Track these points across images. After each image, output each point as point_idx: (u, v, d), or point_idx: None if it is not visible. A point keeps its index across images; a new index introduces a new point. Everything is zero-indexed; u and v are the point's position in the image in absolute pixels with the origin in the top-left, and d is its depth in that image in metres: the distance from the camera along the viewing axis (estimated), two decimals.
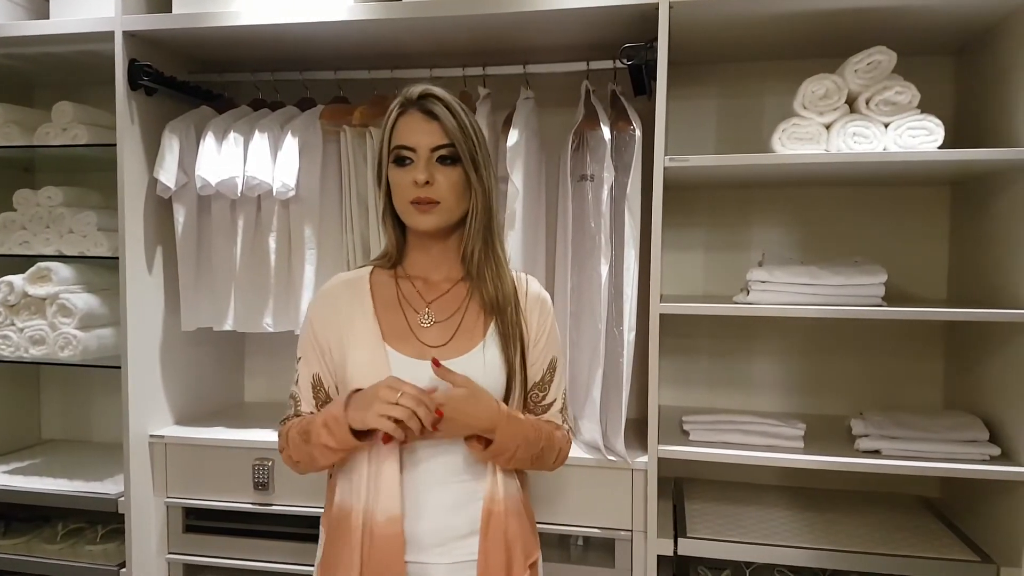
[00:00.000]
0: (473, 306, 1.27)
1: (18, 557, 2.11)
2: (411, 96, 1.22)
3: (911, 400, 2.08)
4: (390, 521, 1.18)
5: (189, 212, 2.06)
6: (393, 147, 1.22)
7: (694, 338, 2.20)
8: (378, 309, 1.26)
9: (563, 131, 2.01)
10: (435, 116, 1.20)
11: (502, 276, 1.27)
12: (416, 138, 1.20)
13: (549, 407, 1.33)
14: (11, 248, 2.17)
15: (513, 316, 1.26)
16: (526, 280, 1.33)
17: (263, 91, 2.17)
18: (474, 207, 1.24)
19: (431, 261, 1.29)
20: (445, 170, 1.21)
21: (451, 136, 1.20)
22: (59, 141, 2.10)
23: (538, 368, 1.30)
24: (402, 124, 1.22)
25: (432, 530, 1.21)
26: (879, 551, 1.71)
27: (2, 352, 2.12)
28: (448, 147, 1.20)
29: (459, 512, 1.23)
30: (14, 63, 2.25)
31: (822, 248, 2.11)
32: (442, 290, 1.29)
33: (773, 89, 2.09)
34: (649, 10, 1.70)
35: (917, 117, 1.67)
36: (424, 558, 1.21)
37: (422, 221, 1.21)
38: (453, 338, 1.24)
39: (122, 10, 1.92)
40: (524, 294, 1.30)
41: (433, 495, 1.22)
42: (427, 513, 1.21)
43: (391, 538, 1.18)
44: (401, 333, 1.24)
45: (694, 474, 2.17)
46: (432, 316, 1.26)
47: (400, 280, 1.30)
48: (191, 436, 2.05)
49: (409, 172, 1.20)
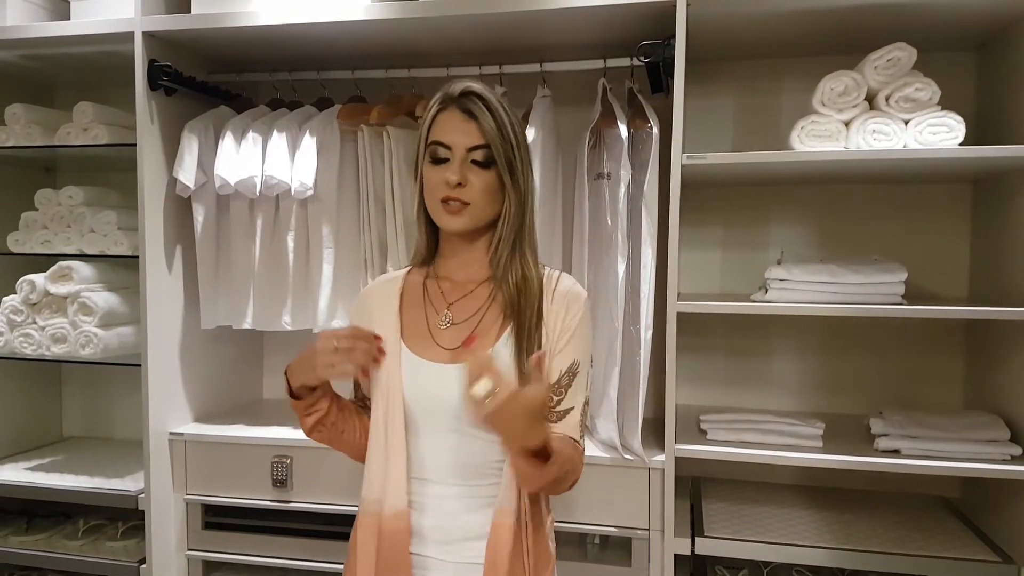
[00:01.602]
0: (493, 308, 1.23)
1: (40, 553, 2.13)
2: (452, 93, 1.19)
3: (931, 399, 2.06)
4: (397, 516, 1.20)
5: (208, 211, 2.08)
6: (430, 143, 1.19)
7: (711, 337, 2.19)
8: (403, 308, 1.27)
9: (580, 129, 2.01)
10: (473, 116, 1.17)
11: (527, 279, 1.22)
12: (452, 136, 1.17)
13: (565, 415, 1.20)
14: (33, 247, 2.19)
15: (533, 320, 1.20)
16: (557, 278, 1.25)
17: (281, 91, 2.19)
18: (507, 211, 1.21)
19: (459, 261, 1.27)
20: (479, 171, 1.18)
21: (487, 138, 1.17)
22: (80, 141, 2.13)
23: (555, 369, 1.20)
24: (441, 120, 1.19)
25: (439, 527, 1.21)
26: (898, 551, 1.70)
27: (24, 350, 2.15)
28: (483, 149, 1.17)
29: (467, 514, 1.21)
30: (36, 64, 2.27)
31: (841, 246, 2.09)
32: (466, 291, 1.26)
33: (791, 86, 2.08)
34: (667, 7, 1.69)
35: (938, 114, 1.65)
36: (432, 552, 1.22)
37: (451, 222, 1.19)
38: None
39: (142, 11, 1.94)
40: (551, 292, 1.22)
41: (443, 495, 1.21)
42: (434, 511, 1.22)
43: (399, 532, 1.20)
44: (419, 333, 1.24)
45: (712, 473, 2.16)
46: (451, 317, 1.24)
47: (428, 280, 1.30)
48: (210, 433, 2.07)
49: (442, 170, 1.18)
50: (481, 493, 1.22)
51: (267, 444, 2.01)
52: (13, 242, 2.21)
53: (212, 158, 2.02)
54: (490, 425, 1.00)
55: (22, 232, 2.21)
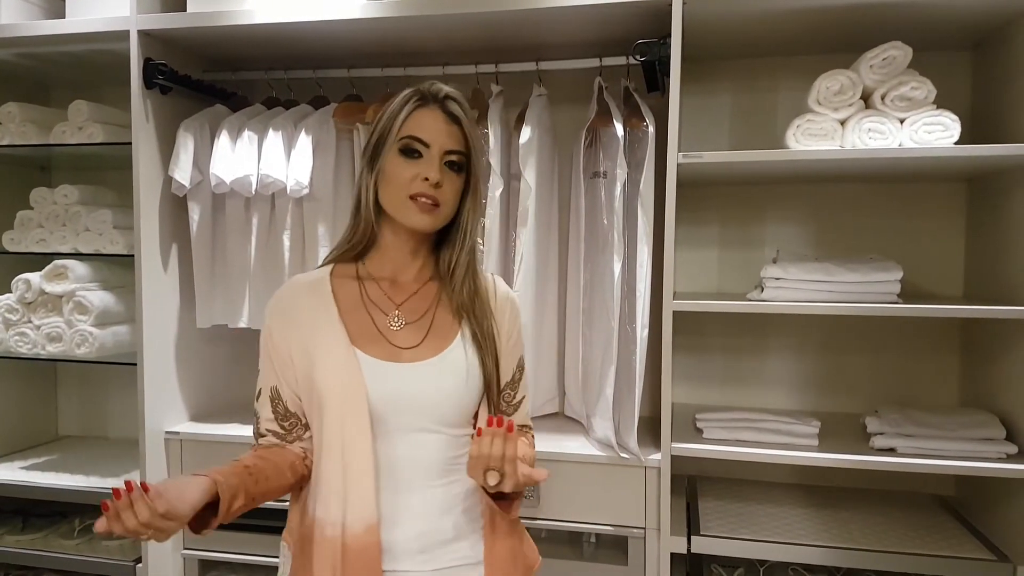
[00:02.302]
0: (443, 306, 1.24)
1: (36, 552, 2.13)
2: (435, 93, 1.19)
3: (926, 398, 2.07)
4: (368, 531, 1.12)
5: (204, 210, 2.08)
6: (404, 136, 1.17)
7: (708, 335, 2.19)
8: (343, 312, 1.20)
9: (576, 128, 2.01)
10: (456, 120, 1.19)
11: (478, 286, 1.25)
12: (434, 136, 1.17)
13: (519, 405, 1.31)
14: (28, 246, 2.19)
15: (489, 324, 1.23)
16: (494, 280, 1.30)
17: (277, 89, 2.18)
18: (468, 218, 1.22)
19: (402, 260, 1.24)
20: (452, 176, 1.18)
21: (469, 144, 1.20)
22: (75, 140, 2.12)
23: (509, 367, 1.28)
24: (420, 117, 1.18)
25: (413, 536, 1.16)
26: (894, 549, 1.71)
27: (20, 349, 2.14)
28: (461, 154, 1.19)
29: (442, 517, 1.18)
30: (31, 62, 2.27)
31: (837, 245, 2.10)
32: (411, 291, 1.24)
33: (787, 85, 2.08)
34: (662, 6, 1.69)
35: (933, 113, 1.65)
36: (406, 566, 1.16)
37: (420, 220, 1.17)
38: (426, 339, 1.20)
39: (137, 9, 1.93)
40: (493, 296, 1.27)
41: (413, 501, 1.17)
42: (407, 520, 1.16)
43: (368, 548, 1.12)
44: (370, 336, 1.19)
45: (708, 472, 2.17)
46: (402, 318, 1.22)
47: (364, 281, 1.24)
48: (206, 432, 2.07)
49: (416, 166, 1.16)
50: (454, 491, 1.20)
51: None
52: (8, 241, 2.21)
53: (208, 157, 2.01)
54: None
55: (17, 231, 2.21)
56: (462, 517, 1.20)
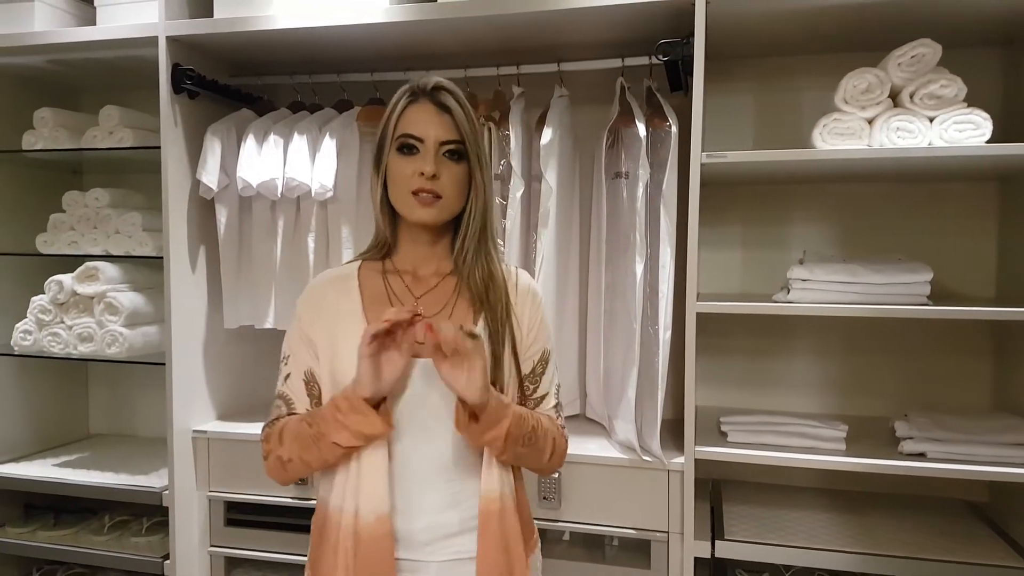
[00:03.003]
0: (462, 300, 1.25)
1: (67, 548, 2.18)
2: (424, 86, 1.21)
3: (957, 402, 2.02)
4: (379, 520, 1.15)
5: (231, 213, 2.10)
6: (399, 135, 1.19)
7: (731, 337, 2.17)
8: (366, 305, 1.24)
9: (597, 128, 2.01)
10: (447, 109, 1.19)
11: (492, 273, 1.25)
12: (426, 129, 1.18)
13: (541, 400, 1.29)
14: (60, 248, 2.24)
15: (503, 312, 1.23)
16: (516, 273, 1.30)
17: (302, 93, 2.21)
18: (473, 205, 1.23)
19: (421, 255, 1.27)
20: (450, 165, 1.19)
21: (462, 132, 1.19)
22: (106, 144, 2.16)
23: (529, 360, 1.27)
24: (412, 113, 1.20)
25: (423, 528, 1.19)
26: (923, 556, 1.67)
27: (52, 349, 2.19)
28: (457, 143, 1.20)
29: (450, 510, 1.20)
30: (63, 68, 2.32)
31: (864, 246, 2.06)
32: (430, 284, 1.27)
33: (812, 84, 2.05)
34: (685, 5, 1.68)
35: (963, 111, 1.62)
36: (415, 555, 1.19)
37: (423, 214, 1.19)
38: None
39: (165, 16, 1.97)
40: (514, 287, 1.27)
41: (424, 492, 1.19)
42: (417, 511, 1.19)
43: (380, 537, 1.15)
44: None
45: (732, 476, 2.14)
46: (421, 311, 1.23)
47: (388, 275, 1.27)
48: (233, 431, 2.10)
49: (413, 161, 1.18)
50: (461, 487, 1.21)
51: None
52: (41, 243, 2.26)
53: (234, 160, 2.04)
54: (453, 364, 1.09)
55: (50, 233, 2.26)
56: (467, 512, 1.21)
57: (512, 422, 1.16)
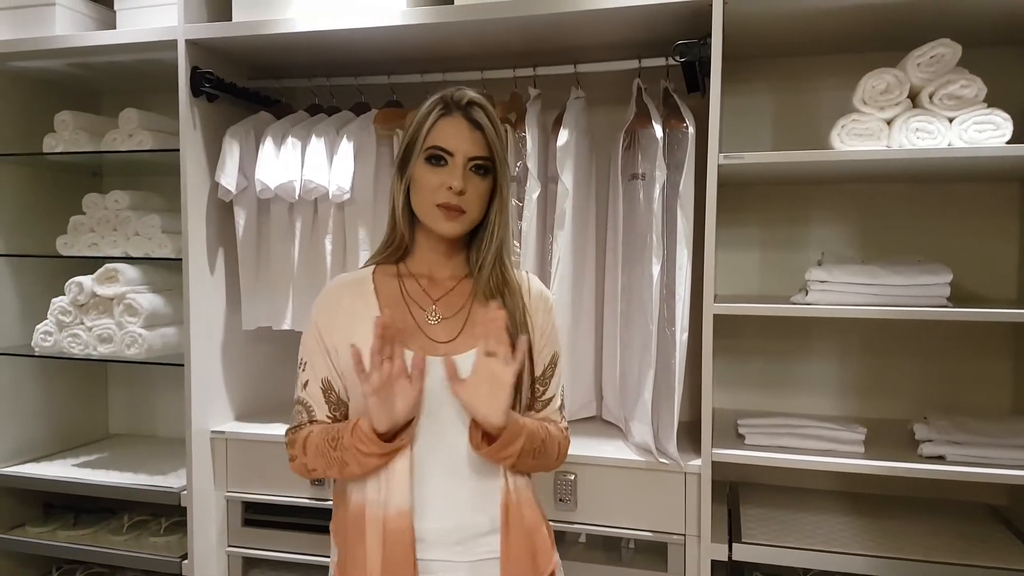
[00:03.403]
0: (478, 303, 1.27)
1: (86, 547, 2.20)
2: (458, 100, 1.22)
3: (977, 404, 2.01)
4: (400, 515, 1.18)
5: (249, 215, 2.12)
6: (429, 146, 1.21)
7: (749, 339, 2.16)
8: (383, 307, 1.25)
9: (614, 130, 2.01)
10: (479, 126, 1.21)
11: (508, 282, 1.28)
12: (457, 143, 1.20)
13: (548, 402, 1.32)
14: (80, 250, 2.26)
15: (521, 317, 1.26)
16: (528, 278, 1.33)
17: (319, 96, 2.22)
18: (495, 220, 1.26)
19: (438, 259, 1.29)
20: (476, 180, 1.22)
21: (492, 149, 1.22)
22: (125, 147, 2.18)
23: (540, 363, 1.30)
24: (444, 126, 1.22)
25: (452, 528, 1.21)
26: (942, 560, 1.66)
27: (72, 350, 2.21)
28: (486, 159, 1.22)
29: (478, 511, 1.22)
30: (83, 72, 2.34)
31: (883, 247, 2.05)
32: (447, 287, 1.29)
33: (830, 84, 2.05)
34: (703, 6, 1.68)
35: (983, 111, 1.61)
36: (444, 555, 1.21)
37: (447, 227, 1.21)
38: (461, 334, 1.25)
39: (184, 19, 1.98)
40: (527, 292, 1.30)
41: (447, 493, 1.21)
42: (442, 511, 1.21)
43: (402, 532, 1.18)
44: (409, 330, 1.24)
45: (749, 478, 2.13)
46: (439, 313, 1.26)
47: (404, 278, 1.29)
48: (251, 432, 2.11)
49: (441, 174, 1.20)
50: (487, 487, 1.23)
51: None
52: (62, 245, 2.28)
53: (253, 163, 2.05)
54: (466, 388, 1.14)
55: (70, 235, 2.28)
56: (495, 512, 1.23)
57: (526, 440, 1.19)
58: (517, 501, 1.24)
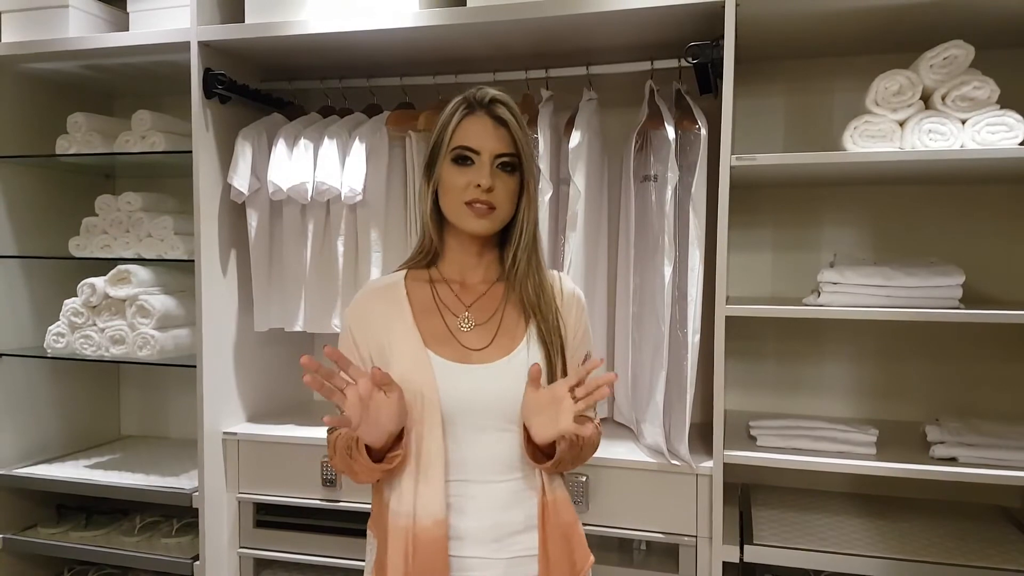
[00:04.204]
0: (511, 307, 1.28)
1: (98, 548, 2.20)
2: (481, 99, 1.23)
3: (990, 406, 2.00)
4: (436, 524, 1.19)
5: (262, 216, 2.12)
6: (455, 146, 1.21)
7: (761, 340, 2.16)
8: (416, 315, 1.26)
9: (626, 131, 2.01)
10: (504, 123, 1.22)
11: (543, 282, 1.28)
12: (482, 142, 1.21)
13: None
14: (93, 251, 2.27)
15: (555, 320, 1.26)
16: (560, 278, 1.33)
17: (331, 98, 2.23)
18: (525, 216, 1.26)
19: (470, 263, 1.29)
20: (504, 177, 1.22)
21: (518, 145, 1.23)
22: (138, 148, 2.19)
23: (574, 364, 1.29)
24: (468, 125, 1.22)
25: (488, 527, 1.22)
26: (954, 562, 1.66)
27: (84, 351, 2.22)
28: (512, 155, 1.22)
29: (513, 509, 1.23)
30: (96, 74, 2.35)
31: (896, 249, 2.05)
32: (479, 292, 1.29)
33: (842, 86, 2.05)
34: (715, 8, 1.68)
35: (997, 113, 1.61)
36: (480, 552, 1.22)
37: (477, 225, 1.22)
38: (494, 340, 1.25)
39: (197, 21, 1.99)
40: (560, 293, 1.30)
41: (486, 494, 1.22)
42: (481, 511, 1.22)
43: (436, 539, 1.18)
44: (442, 338, 1.24)
45: (761, 480, 2.13)
46: (472, 320, 1.26)
47: (436, 284, 1.29)
48: (262, 433, 2.11)
49: (468, 173, 1.21)
50: (522, 486, 1.25)
51: (317, 444, 2.04)
52: (75, 247, 2.29)
53: (265, 164, 2.06)
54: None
55: (83, 237, 2.29)
56: (531, 510, 1.25)
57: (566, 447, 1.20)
58: (553, 500, 1.25)
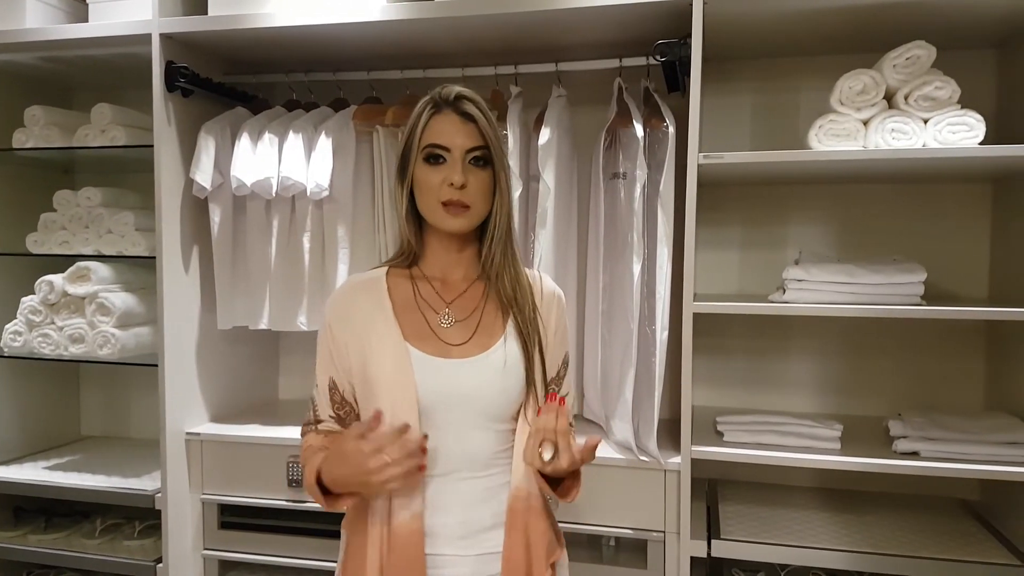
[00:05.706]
0: (490, 305, 1.28)
1: (58, 552, 2.15)
2: (447, 96, 1.23)
3: (951, 401, 2.04)
4: (412, 517, 1.19)
5: (225, 212, 2.09)
6: (425, 145, 1.22)
7: (728, 337, 2.18)
8: (397, 310, 1.26)
9: (595, 129, 2.01)
10: (471, 118, 1.21)
11: (519, 277, 1.29)
12: (452, 138, 1.21)
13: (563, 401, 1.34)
14: (51, 248, 2.22)
15: (531, 314, 1.27)
16: (540, 277, 1.34)
17: (297, 92, 2.20)
18: (498, 210, 1.26)
19: (450, 261, 1.29)
20: (477, 172, 1.22)
21: (487, 138, 1.22)
22: (98, 143, 2.14)
23: (553, 363, 1.31)
24: (436, 123, 1.22)
25: (457, 523, 1.22)
26: (917, 554, 1.69)
27: (43, 350, 2.17)
28: (482, 149, 1.22)
29: (484, 505, 1.24)
30: (54, 66, 2.29)
31: (860, 246, 2.08)
32: (460, 290, 1.30)
33: (809, 85, 2.07)
34: (683, 6, 1.69)
35: (957, 113, 1.63)
36: (449, 550, 1.22)
37: (453, 223, 1.22)
38: (473, 336, 1.25)
39: (159, 13, 1.95)
40: (539, 292, 1.31)
41: (458, 490, 1.23)
42: (451, 507, 1.22)
43: (412, 535, 1.19)
44: (422, 333, 1.25)
45: (728, 475, 2.15)
46: (452, 316, 1.27)
47: (417, 280, 1.30)
48: (226, 433, 2.08)
49: (442, 171, 1.20)
50: (494, 482, 1.25)
51: (283, 444, 2.02)
52: (32, 243, 2.23)
53: (229, 159, 2.03)
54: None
55: (41, 233, 2.23)
56: (500, 507, 1.25)
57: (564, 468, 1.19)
58: (526, 508, 1.24)
